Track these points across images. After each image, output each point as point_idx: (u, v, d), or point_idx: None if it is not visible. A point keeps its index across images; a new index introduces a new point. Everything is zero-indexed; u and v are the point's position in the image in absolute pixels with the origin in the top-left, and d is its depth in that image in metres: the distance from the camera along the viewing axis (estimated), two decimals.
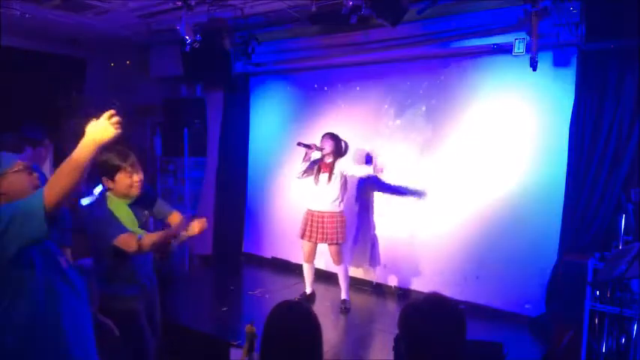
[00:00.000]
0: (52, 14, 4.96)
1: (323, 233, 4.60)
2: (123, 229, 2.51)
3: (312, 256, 4.77)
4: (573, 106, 4.12)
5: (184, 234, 2.74)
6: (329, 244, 4.63)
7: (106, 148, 1.85)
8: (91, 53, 6.38)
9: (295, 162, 5.20)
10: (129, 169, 2.56)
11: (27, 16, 4.83)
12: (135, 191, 2.62)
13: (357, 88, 5.53)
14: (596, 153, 4.00)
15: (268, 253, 6.31)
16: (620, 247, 3.40)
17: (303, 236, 4.72)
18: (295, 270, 5.57)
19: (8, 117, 5.18)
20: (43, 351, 1.65)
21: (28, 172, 1.80)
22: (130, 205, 2.67)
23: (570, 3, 3.72)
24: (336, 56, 5.29)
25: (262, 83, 6.38)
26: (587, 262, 3.42)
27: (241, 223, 6.58)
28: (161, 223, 3.00)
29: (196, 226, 2.75)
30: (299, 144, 4.60)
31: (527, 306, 4.43)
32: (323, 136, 4.66)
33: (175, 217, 2.87)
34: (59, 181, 1.57)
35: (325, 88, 5.81)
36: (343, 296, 4.77)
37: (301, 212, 4.83)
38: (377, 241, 5.40)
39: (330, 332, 4.33)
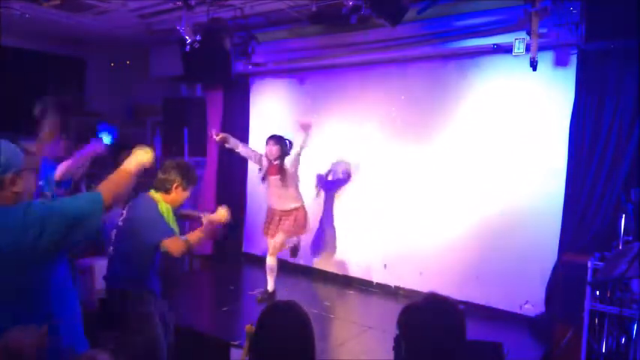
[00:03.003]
0: (52, 14, 4.97)
1: (282, 228, 4.73)
2: (171, 233, 2.67)
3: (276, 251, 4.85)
4: (573, 106, 4.12)
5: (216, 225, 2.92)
6: (283, 234, 4.75)
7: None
8: (91, 53, 6.38)
9: None
10: (190, 190, 2.89)
11: (27, 16, 4.83)
12: (180, 205, 2.92)
13: (357, 88, 5.53)
14: (596, 153, 4.00)
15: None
16: (620, 247, 3.40)
17: (265, 233, 4.90)
18: (295, 270, 5.57)
19: (8, 117, 5.19)
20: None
21: (34, 171, 1.82)
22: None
23: (570, 3, 3.72)
24: (336, 56, 5.28)
25: (262, 83, 6.37)
26: (587, 262, 3.41)
27: (241, 223, 6.58)
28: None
29: (221, 214, 2.91)
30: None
31: (527, 306, 4.43)
32: (267, 142, 4.64)
33: (188, 213, 3.26)
34: (115, 186, 1.79)
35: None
36: (270, 287, 4.85)
37: None
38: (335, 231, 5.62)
39: (330, 332, 4.33)
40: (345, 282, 5.54)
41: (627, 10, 3.40)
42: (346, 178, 5.57)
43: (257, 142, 6.42)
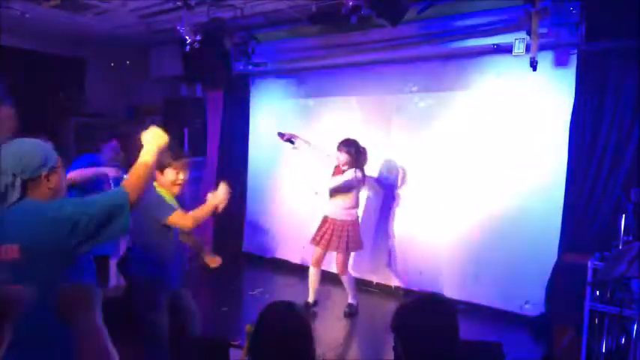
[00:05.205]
0: (52, 14, 4.97)
1: (332, 241, 4.46)
2: (174, 208, 2.78)
3: (319, 261, 4.62)
4: (573, 106, 4.12)
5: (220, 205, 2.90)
6: (337, 252, 4.53)
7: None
8: (91, 53, 6.38)
9: (294, 162, 5.20)
10: (178, 167, 2.83)
11: (27, 16, 4.83)
12: (177, 189, 2.87)
13: (357, 88, 5.53)
14: (596, 153, 4.00)
15: (268, 253, 6.31)
16: (620, 247, 3.40)
17: (312, 241, 4.61)
18: (295, 270, 5.57)
19: None
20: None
21: (64, 168, 1.82)
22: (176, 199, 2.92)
23: (570, 3, 3.72)
24: (336, 56, 5.28)
25: (262, 83, 6.37)
26: (587, 262, 3.41)
27: (241, 223, 6.58)
28: None
29: (221, 193, 2.88)
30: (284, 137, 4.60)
31: (527, 306, 4.43)
32: (338, 147, 4.45)
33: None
34: (137, 181, 1.76)
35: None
36: (350, 300, 4.65)
37: (301, 213, 4.84)
38: (394, 249, 5.29)
39: (331, 333, 4.33)
40: None
41: (627, 10, 3.40)
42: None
43: (257, 142, 6.46)
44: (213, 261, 3.23)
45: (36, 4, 4.61)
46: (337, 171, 4.52)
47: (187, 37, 4.51)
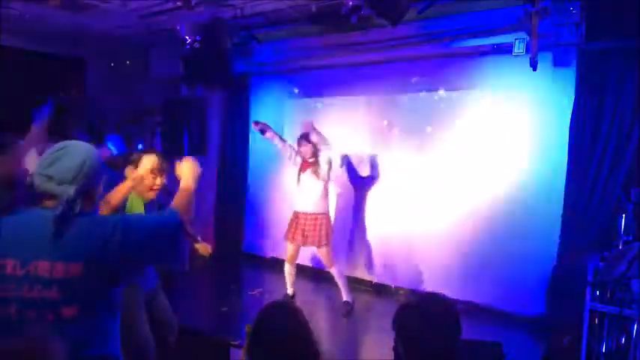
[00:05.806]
0: (52, 14, 4.97)
1: (307, 236, 4.49)
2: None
3: (294, 257, 4.69)
4: (573, 106, 4.12)
5: None
6: (317, 247, 4.54)
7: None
8: (91, 53, 6.38)
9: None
10: (155, 171, 2.69)
11: (27, 16, 4.83)
12: (152, 194, 2.72)
13: (357, 88, 5.53)
14: (596, 153, 4.01)
15: (268, 253, 6.31)
16: (620, 247, 3.40)
17: (286, 238, 4.65)
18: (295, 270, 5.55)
19: (8, 117, 5.19)
20: None
21: None
22: (146, 205, 2.76)
23: (570, 3, 3.73)
24: (336, 56, 5.29)
25: (262, 83, 6.38)
26: (587, 262, 3.41)
27: (241, 223, 6.58)
28: None
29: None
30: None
31: (527, 306, 4.43)
32: (299, 142, 4.52)
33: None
34: (184, 205, 1.88)
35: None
36: (344, 298, 4.68)
37: None
38: (370, 245, 5.36)
39: (330, 332, 4.33)
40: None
41: (627, 10, 3.41)
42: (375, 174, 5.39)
43: (257, 142, 6.46)
44: (204, 248, 3.20)
45: (36, 4, 4.60)
46: (305, 165, 4.54)
47: (187, 37, 4.52)
